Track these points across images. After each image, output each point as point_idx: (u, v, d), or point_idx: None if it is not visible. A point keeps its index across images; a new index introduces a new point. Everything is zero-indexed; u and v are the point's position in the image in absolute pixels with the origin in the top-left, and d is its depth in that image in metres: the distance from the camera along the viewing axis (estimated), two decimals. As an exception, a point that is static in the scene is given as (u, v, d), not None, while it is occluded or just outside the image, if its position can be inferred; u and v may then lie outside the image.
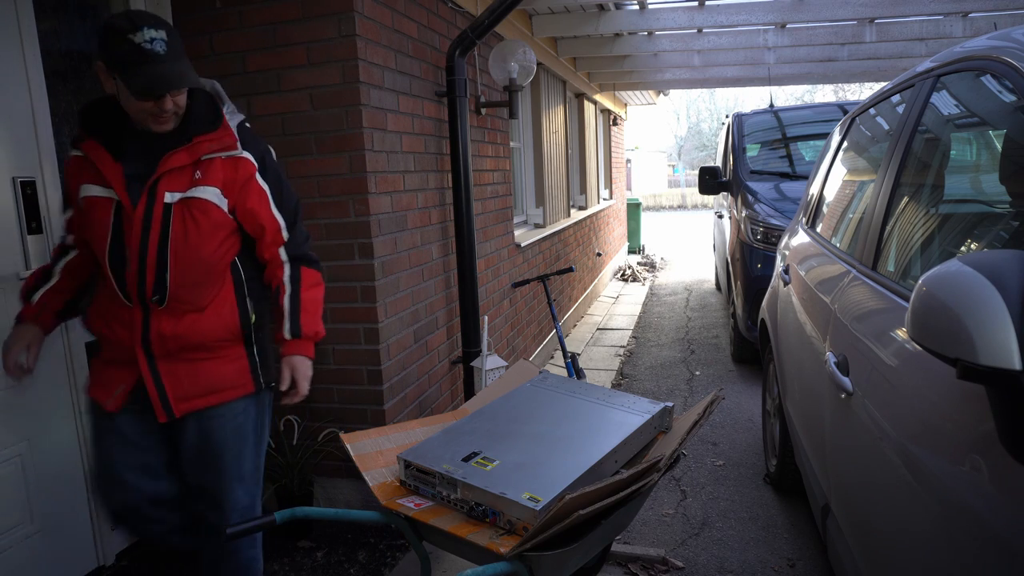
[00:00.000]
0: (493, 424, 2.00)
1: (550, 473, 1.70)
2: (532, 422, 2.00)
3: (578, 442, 1.87)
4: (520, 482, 1.68)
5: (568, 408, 2.08)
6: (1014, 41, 1.48)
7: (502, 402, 2.15)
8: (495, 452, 1.83)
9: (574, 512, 1.46)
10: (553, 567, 1.58)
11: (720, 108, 40.56)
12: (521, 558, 1.54)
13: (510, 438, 1.91)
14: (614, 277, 10.22)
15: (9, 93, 2.19)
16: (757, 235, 4.94)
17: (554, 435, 1.92)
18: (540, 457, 1.80)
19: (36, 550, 2.27)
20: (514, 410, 2.08)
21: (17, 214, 2.21)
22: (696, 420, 1.83)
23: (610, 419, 1.97)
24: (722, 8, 5.32)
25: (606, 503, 1.53)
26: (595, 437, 1.88)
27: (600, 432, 1.90)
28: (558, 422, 2.00)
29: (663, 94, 11.78)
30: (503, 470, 1.74)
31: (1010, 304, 0.92)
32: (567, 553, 1.56)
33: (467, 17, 3.89)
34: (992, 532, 1.06)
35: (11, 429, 2.20)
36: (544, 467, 1.73)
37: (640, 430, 1.92)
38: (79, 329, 2.40)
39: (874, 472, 1.55)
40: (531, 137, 5.93)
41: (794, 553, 2.75)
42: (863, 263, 1.99)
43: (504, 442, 1.88)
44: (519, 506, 1.61)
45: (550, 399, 2.14)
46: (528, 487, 1.66)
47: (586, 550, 1.68)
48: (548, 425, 1.98)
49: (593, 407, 2.07)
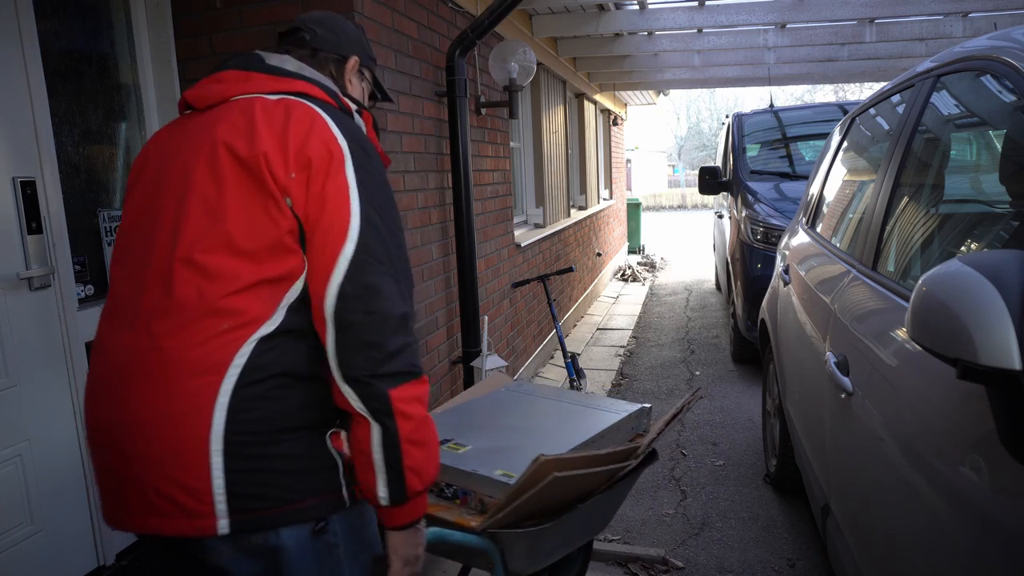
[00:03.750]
0: (466, 418, 1.95)
1: (524, 457, 1.58)
2: (505, 417, 1.95)
3: (552, 434, 1.81)
4: (493, 463, 1.61)
5: (542, 407, 2.05)
6: (1014, 41, 1.48)
7: (475, 401, 2.10)
8: (467, 440, 1.76)
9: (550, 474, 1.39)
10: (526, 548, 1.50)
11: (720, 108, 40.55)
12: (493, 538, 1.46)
13: (483, 429, 1.85)
14: (614, 277, 10.21)
15: (9, 93, 2.19)
16: (757, 235, 4.94)
17: (527, 428, 1.87)
18: (513, 444, 1.74)
19: (36, 550, 2.27)
20: (488, 408, 2.03)
21: (17, 214, 2.21)
22: (675, 414, 1.79)
23: (585, 416, 1.94)
24: (722, 8, 5.32)
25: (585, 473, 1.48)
26: (568, 431, 1.83)
27: (574, 427, 1.86)
28: (532, 418, 1.95)
29: (663, 94, 11.78)
30: (475, 453, 1.67)
31: (1010, 304, 0.92)
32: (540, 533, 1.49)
33: (467, 17, 3.89)
34: (992, 532, 1.06)
35: (11, 429, 2.20)
36: (517, 452, 1.67)
37: (615, 427, 1.88)
38: (79, 329, 2.40)
39: (874, 472, 1.55)
40: (531, 137, 5.93)
41: (794, 553, 2.75)
42: (863, 263, 1.99)
43: (476, 432, 1.82)
44: (492, 482, 1.54)
45: (524, 400, 2.11)
46: (501, 467, 1.59)
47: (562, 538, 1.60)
48: (521, 420, 1.94)
49: (568, 407, 2.03)
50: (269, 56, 1.28)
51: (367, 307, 1.08)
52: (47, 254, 2.29)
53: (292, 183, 1.10)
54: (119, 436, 1.09)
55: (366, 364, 1.07)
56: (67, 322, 2.35)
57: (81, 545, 2.43)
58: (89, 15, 2.61)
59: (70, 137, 2.51)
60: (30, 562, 2.25)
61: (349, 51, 1.39)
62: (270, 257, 1.10)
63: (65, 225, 2.36)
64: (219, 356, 1.06)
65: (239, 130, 1.13)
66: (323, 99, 1.22)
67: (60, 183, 2.34)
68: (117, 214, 2.68)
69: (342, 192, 1.11)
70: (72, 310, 2.38)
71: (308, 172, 1.10)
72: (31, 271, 2.23)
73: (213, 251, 1.09)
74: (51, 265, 2.30)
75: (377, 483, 1.10)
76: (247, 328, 1.08)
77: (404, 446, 1.09)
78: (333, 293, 1.08)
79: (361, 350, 1.07)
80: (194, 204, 1.11)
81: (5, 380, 2.17)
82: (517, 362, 4.92)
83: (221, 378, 1.05)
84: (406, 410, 1.09)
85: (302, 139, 1.11)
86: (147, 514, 1.07)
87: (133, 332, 1.11)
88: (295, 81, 1.22)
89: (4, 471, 2.18)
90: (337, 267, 1.08)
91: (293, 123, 1.13)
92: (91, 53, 2.61)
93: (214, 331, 1.07)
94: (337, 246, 1.09)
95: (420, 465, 1.12)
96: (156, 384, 1.07)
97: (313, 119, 1.14)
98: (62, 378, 2.37)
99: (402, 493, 1.11)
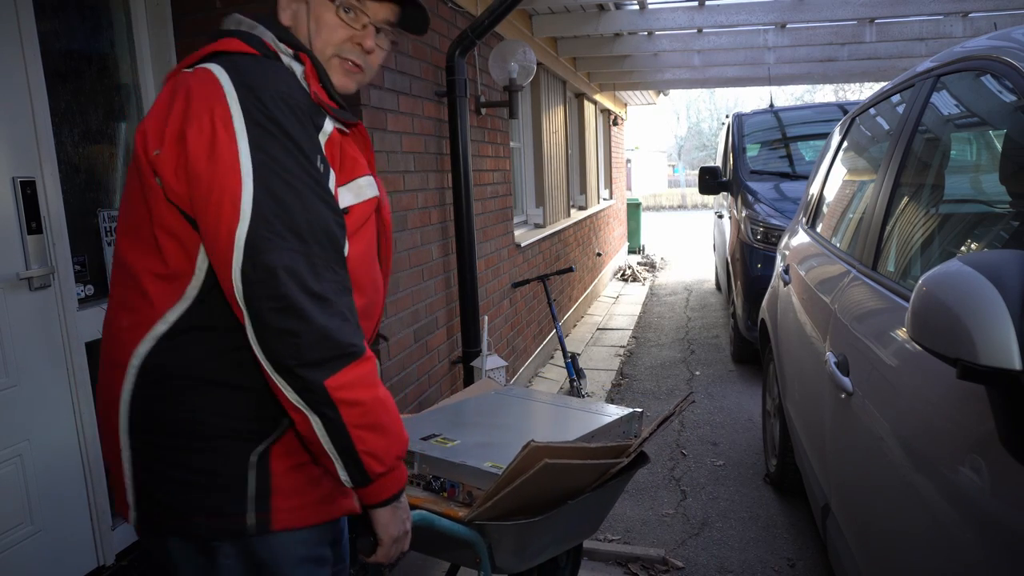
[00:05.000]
0: (455, 417, 1.94)
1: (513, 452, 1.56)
2: (495, 417, 1.94)
3: (542, 433, 1.80)
4: (482, 456, 1.61)
5: (533, 409, 2.05)
6: (1014, 41, 1.48)
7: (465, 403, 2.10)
8: (456, 436, 1.76)
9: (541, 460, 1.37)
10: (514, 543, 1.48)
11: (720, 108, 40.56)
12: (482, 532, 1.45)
13: (472, 427, 1.84)
14: (614, 277, 10.21)
15: (9, 93, 2.19)
16: (757, 235, 4.94)
17: (517, 427, 1.86)
18: (502, 440, 1.73)
19: (36, 550, 2.27)
20: (477, 408, 2.02)
21: (17, 214, 2.21)
22: (665, 417, 1.79)
23: (575, 418, 1.94)
24: (722, 8, 5.32)
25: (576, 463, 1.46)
26: (559, 431, 1.83)
27: (564, 427, 1.86)
28: (522, 418, 1.95)
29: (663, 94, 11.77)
30: (463, 447, 1.67)
31: (1010, 304, 0.92)
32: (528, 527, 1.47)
33: (467, 17, 3.89)
34: (992, 532, 1.06)
35: (11, 429, 2.20)
36: (507, 447, 1.65)
37: (606, 429, 1.87)
38: (79, 329, 2.40)
39: (874, 472, 1.55)
40: (531, 137, 5.93)
41: (794, 553, 2.75)
42: (863, 263, 1.99)
43: (465, 429, 1.81)
44: (481, 473, 1.52)
45: (514, 403, 2.10)
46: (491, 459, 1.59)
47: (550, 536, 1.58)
48: (511, 420, 1.93)
49: (559, 410, 2.03)
50: (228, 20, 1.15)
51: (273, 291, 0.94)
52: (47, 254, 2.29)
53: (158, 160, 0.98)
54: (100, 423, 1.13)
55: (289, 352, 0.96)
56: (67, 322, 2.35)
57: (81, 545, 2.43)
58: (89, 15, 2.61)
59: (70, 137, 2.51)
60: (30, 562, 2.25)
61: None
62: (157, 246, 1.01)
63: (65, 225, 2.36)
64: (121, 352, 1.03)
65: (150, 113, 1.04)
66: (242, 50, 1.06)
67: (60, 183, 2.34)
68: (117, 214, 2.68)
69: (227, 158, 0.95)
70: (72, 310, 2.38)
71: (182, 146, 0.96)
72: (31, 271, 2.23)
73: (121, 243, 1.06)
74: (51, 265, 2.30)
75: (336, 468, 1.03)
76: (142, 326, 1.01)
77: (353, 432, 1.00)
78: (237, 277, 0.95)
79: (280, 337, 0.95)
80: (122, 200, 1.10)
81: (5, 380, 2.17)
82: (517, 362, 4.92)
83: (124, 373, 1.03)
84: (348, 397, 0.99)
85: (182, 109, 0.98)
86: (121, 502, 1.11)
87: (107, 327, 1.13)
88: (216, 43, 1.08)
89: (4, 471, 2.18)
90: (235, 248, 0.94)
91: (179, 92, 1.00)
92: (91, 53, 2.61)
93: (120, 325, 1.04)
94: (231, 224, 0.94)
95: (376, 448, 1.03)
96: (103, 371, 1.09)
97: (202, 81, 0.99)
98: (62, 378, 2.36)
99: (363, 476, 1.04)
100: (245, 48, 1.06)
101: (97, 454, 2.46)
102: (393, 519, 1.12)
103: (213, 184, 0.95)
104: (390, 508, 1.11)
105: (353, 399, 1.00)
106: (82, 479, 2.43)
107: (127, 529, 2.64)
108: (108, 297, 1.10)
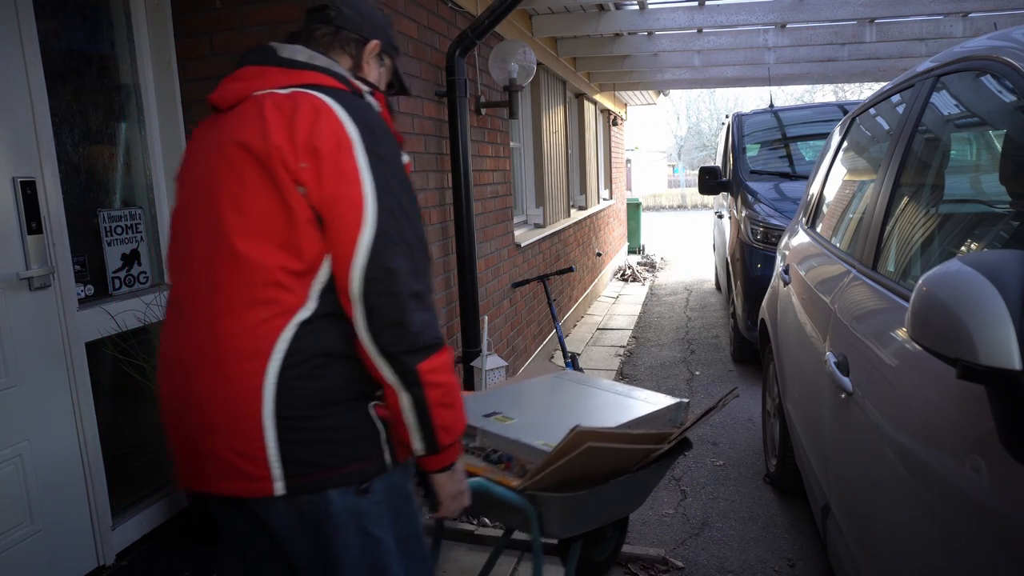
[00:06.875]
0: (515, 397, 2.13)
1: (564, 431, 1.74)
2: (551, 399, 2.13)
3: (592, 415, 1.97)
4: (535, 434, 1.78)
5: (587, 393, 2.19)
6: (1014, 41, 1.48)
7: (523, 385, 2.27)
8: (514, 414, 1.94)
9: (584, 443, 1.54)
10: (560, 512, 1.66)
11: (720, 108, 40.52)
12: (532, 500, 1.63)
13: (529, 407, 2.02)
14: (614, 277, 10.21)
15: (9, 93, 2.19)
16: (757, 235, 4.94)
17: (571, 408, 2.03)
18: (555, 420, 1.89)
19: (36, 550, 2.27)
20: (535, 390, 2.20)
21: (17, 214, 2.21)
22: (710, 408, 1.95)
23: (626, 405, 2.07)
24: (722, 8, 5.32)
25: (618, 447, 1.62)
26: (609, 413, 1.98)
27: (614, 412, 2.00)
28: (576, 401, 2.11)
29: (663, 94, 11.78)
30: (520, 425, 1.85)
31: (1010, 304, 0.92)
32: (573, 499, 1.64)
33: (467, 17, 3.89)
34: (992, 532, 1.06)
35: (11, 429, 2.20)
36: (558, 427, 1.81)
37: (653, 416, 2.00)
38: (79, 329, 2.40)
39: (874, 472, 1.55)
40: (531, 137, 5.93)
41: (794, 553, 2.75)
42: (863, 263, 1.99)
43: (523, 408, 1.99)
44: (533, 449, 1.71)
45: (570, 387, 2.26)
46: (543, 438, 1.76)
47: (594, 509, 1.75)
48: (566, 401, 2.10)
49: (610, 396, 2.17)
50: (282, 48, 1.32)
51: (388, 288, 1.16)
52: (47, 254, 2.29)
53: (303, 172, 1.16)
54: (189, 412, 1.23)
55: (395, 341, 1.17)
56: (67, 322, 2.35)
57: (81, 545, 2.43)
58: (89, 15, 2.61)
59: (70, 137, 2.51)
60: (30, 562, 2.25)
61: (371, 34, 1.43)
62: (295, 247, 1.17)
63: (65, 225, 2.36)
64: (263, 343, 1.17)
65: (254, 127, 1.19)
66: (333, 86, 1.26)
67: (60, 183, 2.34)
68: (117, 214, 2.68)
69: (353, 179, 1.16)
70: (72, 310, 2.38)
71: (317, 161, 1.16)
72: (31, 271, 2.23)
73: (247, 245, 1.18)
74: (51, 265, 2.30)
75: (412, 439, 1.24)
76: (285, 316, 1.18)
77: (433, 410, 1.22)
78: (357, 277, 1.16)
79: (388, 328, 1.17)
80: (224, 201, 1.20)
81: (5, 380, 2.17)
82: (517, 362, 4.92)
83: (267, 362, 1.17)
84: (433, 380, 1.21)
85: (308, 129, 1.16)
86: (218, 478, 1.22)
87: (191, 321, 1.24)
88: (305, 72, 1.27)
89: (4, 471, 2.18)
90: (358, 252, 1.15)
91: (300, 114, 1.18)
92: (91, 53, 2.61)
93: (257, 320, 1.17)
94: (355, 232, 1.15)
95: (448, 423, 1.25)
96: (213, 367, 1.19)
97: (319, 109, 1.19)
98: (62, 378, 2.36)
99: (434, 446, 1.25)
100: (339, 85, 1.27)
101: (97, 454, 2.46)
102: (450, 481, 1.34)
103: (340, 197, 1.16)
104: (449, 473, 1.33)
105: (437, 381, 1.22)
106: (82, 479, 2.43)
107: (127, 529, 2.64)
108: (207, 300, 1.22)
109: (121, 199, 2.75)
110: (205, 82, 2.86)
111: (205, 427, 1.21)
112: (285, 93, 1.22)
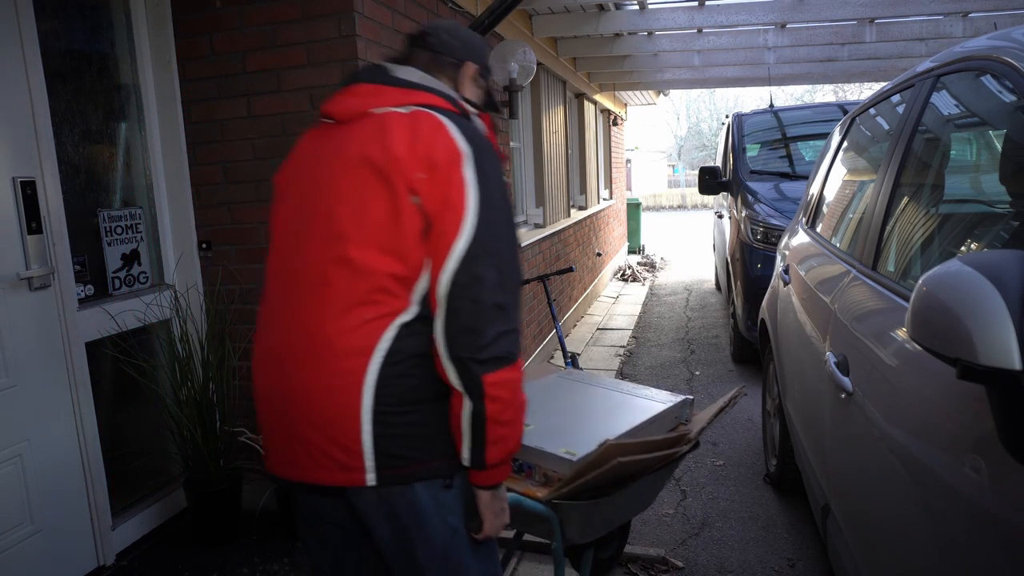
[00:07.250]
0: None
1: (582, 436, 1.78)
2: (561, 400, 2.14)
3: (606, 417, 1.98)
4: (556, 441, 1.78)
5: (594, 393, 2.21)
6: (1014, 41, 1.48)
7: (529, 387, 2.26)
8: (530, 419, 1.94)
9: (614, 458, 1.57)
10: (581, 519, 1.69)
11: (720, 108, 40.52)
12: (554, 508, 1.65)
13: (544, 410, 2.01)
14: (614, 277, 10.22)
15: (9, 93, 2.19)
16: (757, 235, 4.94)
17: (583, 410, 2.05)
18: (572, 425, 1.91)
19: (36, 550, 2.27)
20: (544, 391, 2.21)
21: (17, 214, 2.21)
22: (722, 407, 1.98)
23: (634, 404, 2.09)
24: (722, 8, 5.32)
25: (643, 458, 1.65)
26: (621, 415, 2.00)
27: (625, 412, 2.02)
28: (586, 402, 2.12)
29: (663, 94, 11.78)
30: (539, 432, 1.84)
31: (1010, 304, 0.92)
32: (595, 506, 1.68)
33: (467, 17, 3.89)
34: (992, 532, 1.06)
35: (11, 429, 2.20)
36: (576, 432, 1.83)
37: (663, 415, 2.02)
38: (79, 329, 2.41)
39: (874, 472, 1.55)
40: (531, 137, 5.93)
41: (794, 553, 2.75)
42: (863, 263, 1.99)
43: (536, 413, 1.98)
44: (556, 458, 1.71)
45: (577, 386, 2.27)
46: (564, 445, 1.76)
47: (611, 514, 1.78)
48: (577, 403, 2.11)
49: (617, 395, 2.19)
50: (395, 68, 1.41)
51: (473, 295, 1.22)
52: (47, 254, 2.29)
53: (420, 183, 1.24)
54: (286, 403, 1.30)
55: (467, 346, 1.23)
56: (67, 322, 2.35)
57: (81, 545, 2.43)
58: (89, 15, 2.61)
59: (70, 137, 2.51)
60: (30, 562, 2.25)
61: (469, 58, 1.51)
62: (406, 253, 1.25)
63: (65, 225, 2.36)
64: (366, 342, 1.25)
65: (377, 142, 1.28)
66: (446, 107, 1.36)
67: (60, 183, 2.34)
68: (117, 214, 2.68)
69: (461, 191, 1.25)
70: (72, 310, 2.38)
71: (433, 173, 1.25)
72: (31, 271, 2.23)
73: (360, 251, 1.26)
74: (51, 265, 2.30)
75: (462, 447, 1.29)
76: (389, 317, 1.26)
77: (489, 424, 1.26)
78: (447, 279, 1.23)
79: (464, 333, 1.23)
80: (343, 212, 1.28)
81: (5, 380, 2.17)
82: (517, 362, 4.92)
83: (368, 359, 1.24)
84: (495, 394, 1.25)
85: (428, 145, 1.26)
86: (311, 468, 1.29)
87: (292, 319, 1.31)
88: (421, 93, 1.36)
89: (4, 471, 2.18)
90: (451, 256, 1.23)
91: (422, 132, 1.27)
92: (91, 53, 2.61)
93: (361, 320, 1.25)
94: (454, 238, 1.23)
95: (501, 440, 1.28)
96: (314, 362, 1.27)
97: (438, 127, 1.28)
98: (62, 378, 2.37)
99: (481, 460, 1.28)
100: (449, 107, 1.36)
101: (97, 454, 2.46)
102: (495, 499, 1.37)
103: (449, 205, 1.24)
104: (493, 492, 1.36)
105: (499, 396, 1.26)
106: (82, 479, 2.44)
107: (127, 529, 2.64)
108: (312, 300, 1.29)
109: (121, 199, 2.75)
110: (205, 82, 2.86)
111: (304, 419, 1.28)
112: (406, 112, 1.31)
